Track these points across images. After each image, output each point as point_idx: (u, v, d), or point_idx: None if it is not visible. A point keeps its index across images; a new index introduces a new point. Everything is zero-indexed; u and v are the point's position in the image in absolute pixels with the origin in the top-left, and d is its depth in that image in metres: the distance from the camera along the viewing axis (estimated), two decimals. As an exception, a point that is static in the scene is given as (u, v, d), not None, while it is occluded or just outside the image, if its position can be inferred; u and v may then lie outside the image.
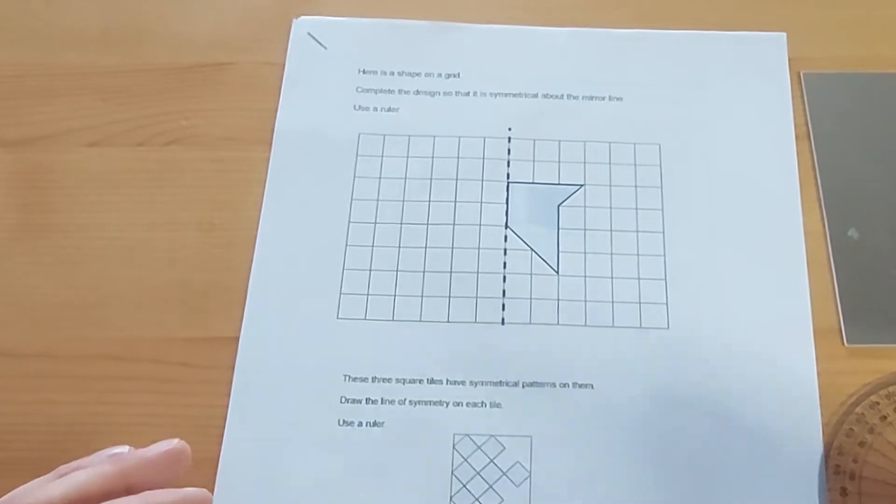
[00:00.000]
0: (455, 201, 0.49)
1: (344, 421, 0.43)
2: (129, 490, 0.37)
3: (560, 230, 0.48)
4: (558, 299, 0.46)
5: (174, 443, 0.39)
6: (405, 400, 0.44)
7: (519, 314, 0.46)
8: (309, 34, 0.54)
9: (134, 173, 0.50)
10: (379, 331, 0.45)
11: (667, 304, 0.46)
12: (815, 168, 0.49)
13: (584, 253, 0.47)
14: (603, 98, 0.51)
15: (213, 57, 0.53)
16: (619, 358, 0.45)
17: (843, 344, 0.45)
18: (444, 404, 0.44)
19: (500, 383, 0.44)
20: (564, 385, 0.44)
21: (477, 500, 0.42)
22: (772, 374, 0.44)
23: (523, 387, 0.44)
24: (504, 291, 0.46)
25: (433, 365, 0.45)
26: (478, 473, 0.42)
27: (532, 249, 0.47)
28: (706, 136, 0.50)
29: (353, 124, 0.51)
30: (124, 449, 0.38)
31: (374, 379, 0.44)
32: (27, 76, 0.53)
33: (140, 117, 0.51)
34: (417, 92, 0.52)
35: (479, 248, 0.47)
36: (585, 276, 0.47)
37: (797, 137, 0.50)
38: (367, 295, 0.46)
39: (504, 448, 0.43)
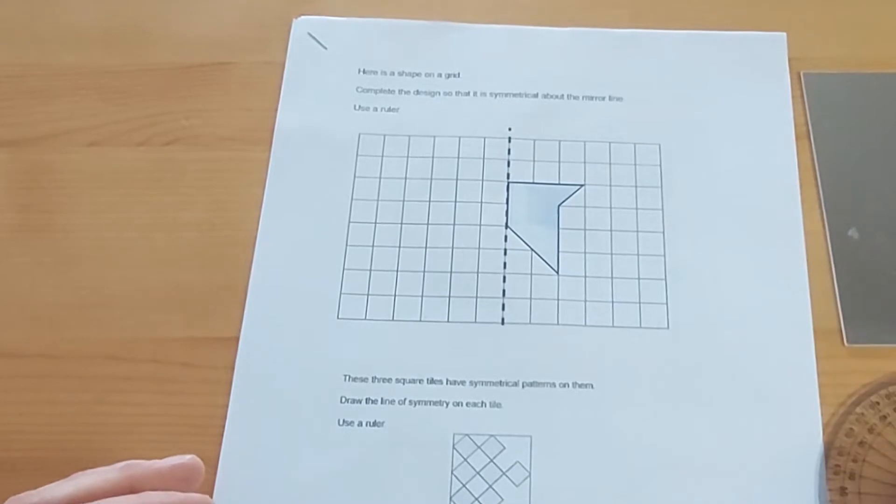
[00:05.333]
0: (455, 201, 0.49)
1: (344, 421, 0.43)
2: None
3: (560, 230, 0.48)
4: (558, 299, 0.46)
5: (186, 458, 0.39)
6: (405, 400, 0.44)
7: (519, 314, 0.46)
8: (309, 34, 0.53)
9: (134, 173, 0.50)
10: (379, 331, 0.45)
11: (667, 304, 0.46)
12: (815, 168, 0.49)
13: (584, 253, 0.47)
14: (603, 98, 0.51)
15: (213, 57, 0.53)
16: (619, 358, 0.45)
17: (843, 344, 0.45)
18: (444, 404, 0.44)
19: (500, 383, 0.44)
20: (564, 385, 0.44)
21: (477, 499, 0.42)
22: (772, 374, 0.44)
23: (523, 387, 0.44)
24: (504, 291, 0.46)
25: (433, 365, 0.45)
26: (478, 473, 0.42)
27: (532, 249, 0.47)
28: (706, 136, 0.50)
29: (353, 124, 0.51)
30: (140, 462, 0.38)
31: (374, 379, 0.44)
32: (27, 76, 0.53)
33: (140, 117, 0.51)
34: (417, 92, 0.52)
35: (479, 248, 0.47)
36: (585, 276, 0.47)
37: (797, 137, 0.50)
38: (368, 295, 0.46)
39: (504, 448, 0.43)
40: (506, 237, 0.48)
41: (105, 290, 0.47)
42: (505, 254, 0.47)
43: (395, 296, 0.46)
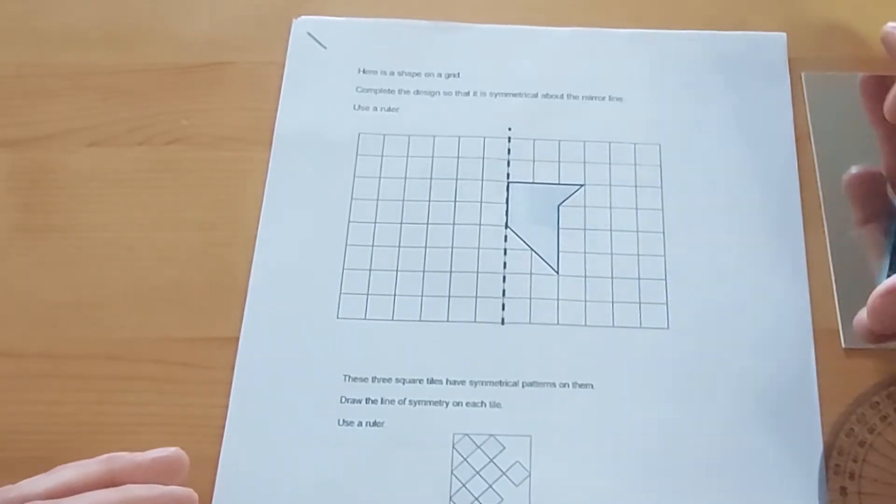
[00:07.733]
0: (455, 201, 0.49)
1: (344, 421, 0.43)
2: None
3: (560, 230, 0.48)
4: (558, 299, 0.46)
5: (170, 450, 0.38)
6: (405, 400, 0.44)
7: (519, 314, 0.46)
8: (309, 34, 0.54)
9: (134, 173, 0.50)
10: (379, 331, 0.45)
11: (667, 304, 0.46)
12: (815, 168, 0.49)
13: (584, 253, 0.47)
14: (603, 98, 0.51)
15: (213, 57, 0.53)
16: (619, 358, 0.45)
17: (842, 344, 0.45)
18: (444, 404, 0.44)
19: (500, 383, 0.44)
20: (564, 385, 0.44)
21: (476, 499, 0.42)
22: (772, 375, 0.44)
23: (523, 387, 0.44)
24: (504, 291, 0.46)
25: (433, 365, 0.45)
26: (477, 473, 0.42)
27: (532, 249, 0.47)
28: (706, 136, 0.50)
29: (353, 124, 0.51)
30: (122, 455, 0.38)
31: (374, 379, 0.44)
32: (27, 76, 0.53)
33: (140, 117, 0.51)
34: (417, 92, 0.52)
35: (479, 248, 0.47)
36: (585, 276, 0.47)
37: (797, 138, 0.50)
38: (367, 295, 0.46)
39: (504, 448, 0.43)
40: (506, 237, 0.48)
41: (105, 290, 0.47)
42: (505, 254, 0.47)
43: (394, 295, 0.46)
